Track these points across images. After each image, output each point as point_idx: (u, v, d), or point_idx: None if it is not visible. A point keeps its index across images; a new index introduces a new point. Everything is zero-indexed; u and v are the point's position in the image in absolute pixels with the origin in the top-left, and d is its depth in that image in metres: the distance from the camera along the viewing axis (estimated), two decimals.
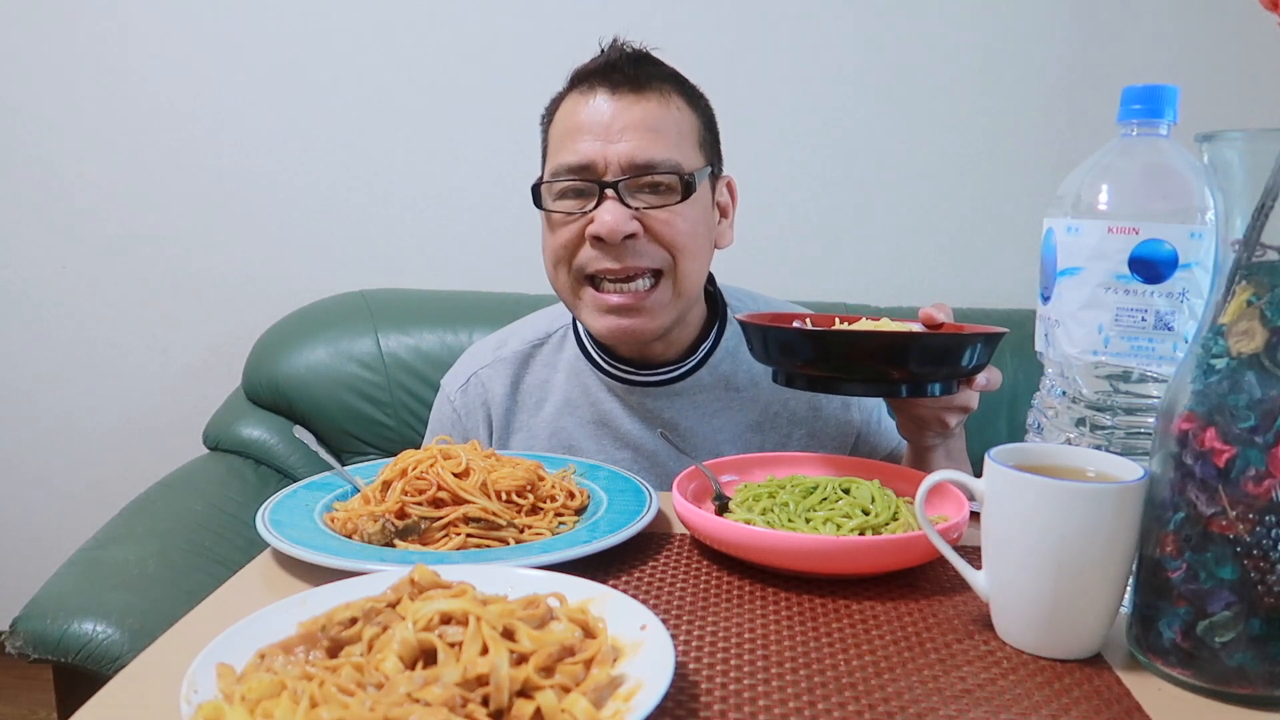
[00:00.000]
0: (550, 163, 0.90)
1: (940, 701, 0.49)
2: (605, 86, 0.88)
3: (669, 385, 0.98)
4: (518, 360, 1.03)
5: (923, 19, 1.78)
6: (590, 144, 0.86)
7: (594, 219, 0.86)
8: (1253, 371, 0.47)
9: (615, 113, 0.86)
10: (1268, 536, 0.46)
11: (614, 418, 0.98)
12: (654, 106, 0.88)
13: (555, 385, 1.01)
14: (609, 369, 0.98)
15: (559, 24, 1.78)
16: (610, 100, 0.87)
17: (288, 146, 1.83)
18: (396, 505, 0.69)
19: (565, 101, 0.91)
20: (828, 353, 0.76)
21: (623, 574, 0.65)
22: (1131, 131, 0.62)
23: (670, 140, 0.88)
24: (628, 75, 0.88)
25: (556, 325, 1.05)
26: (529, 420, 1.01)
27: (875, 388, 0.78)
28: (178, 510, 1.32)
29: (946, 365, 0.76)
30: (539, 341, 1.04)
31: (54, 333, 1.90)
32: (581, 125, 0.87)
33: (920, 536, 0.61)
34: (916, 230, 1.84)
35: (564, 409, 1.00)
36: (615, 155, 0.85)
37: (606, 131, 0.86)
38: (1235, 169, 0.48)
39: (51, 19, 1.78)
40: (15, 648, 1.01)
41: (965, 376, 0.79)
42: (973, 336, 0.75)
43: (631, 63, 0.89)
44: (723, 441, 0.98)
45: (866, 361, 0.75)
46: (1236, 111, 1.74)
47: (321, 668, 0.43)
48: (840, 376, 0.76)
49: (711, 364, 0.99)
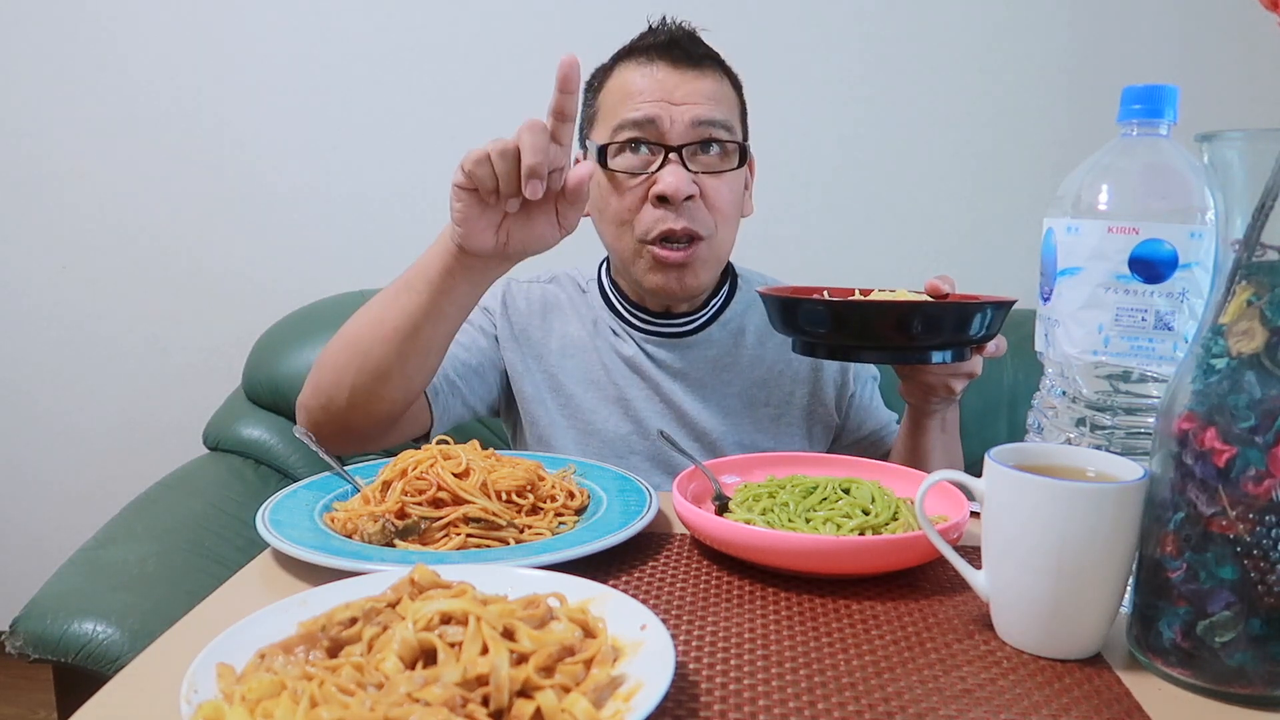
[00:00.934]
0: (606, 123, 0.95)
1: (940, 701, 0.49)
2: (665, 59, 0.93)
3: (684, 337, 1.05)
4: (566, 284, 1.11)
5: (922, 19, 1.78)
6: (654, 105, 0.91)
7: (658, 179, 0.92)
8: (1253, 371, 0.47)
9: (678, 81, 0.92)
10: (1268, 536, 0.46)
11: (633, 358, 1.05)
12: (711, 81, 0.95)
13: (583, 321, 1.08)
14: (631, 318, 1.06)
15: (560, 25, 1.78)
16: (672, 71, 0.93)
17: (288, 146, 1.83)
18: (396, 505, 0.69)
19: (620, 70, 0.96)
20: (848, 322, 0.79)
21: (623, 574, 0.65)
22: (1131, 131, 0.62)
23: (726, 109, 0.95)
24: (687, 51, 0.94)
25: (586, 277, 1.12)
26: (548, 335, 1.07)
27: (893, 354, 0.82)
28: (178, 510, 1.32)
29: (962, 332, 0.79)
30: (577, 283, 1.11)
31: (54, 333, 1.90)
32: (643, 89, 0.92)
33: (920, 536, 0.61)
34: (916, 230, 1.84)
35: (588, 340, 1.06)
36: (680, 116, 0.91)
37: (670, 95, 0.92)
38: (1235, 169, 0.49)
39: (51, 18, 1.78)
40: (15, 648, 1.01)
41: (977, 344, 0.82)
42: (985, 304, 0.78)
43: (690, 40, 0.96)
44: (730, 395, 1.05)
45: (885, 330, 0.78)
46: (1236, 111, 1.74)
47: (321, 668, 0.43)
48: (859, 345, 0.80)
49: (722, 321, 1.06)
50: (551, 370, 1.06)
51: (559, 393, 1.05)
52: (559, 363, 1.06)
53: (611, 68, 0.98)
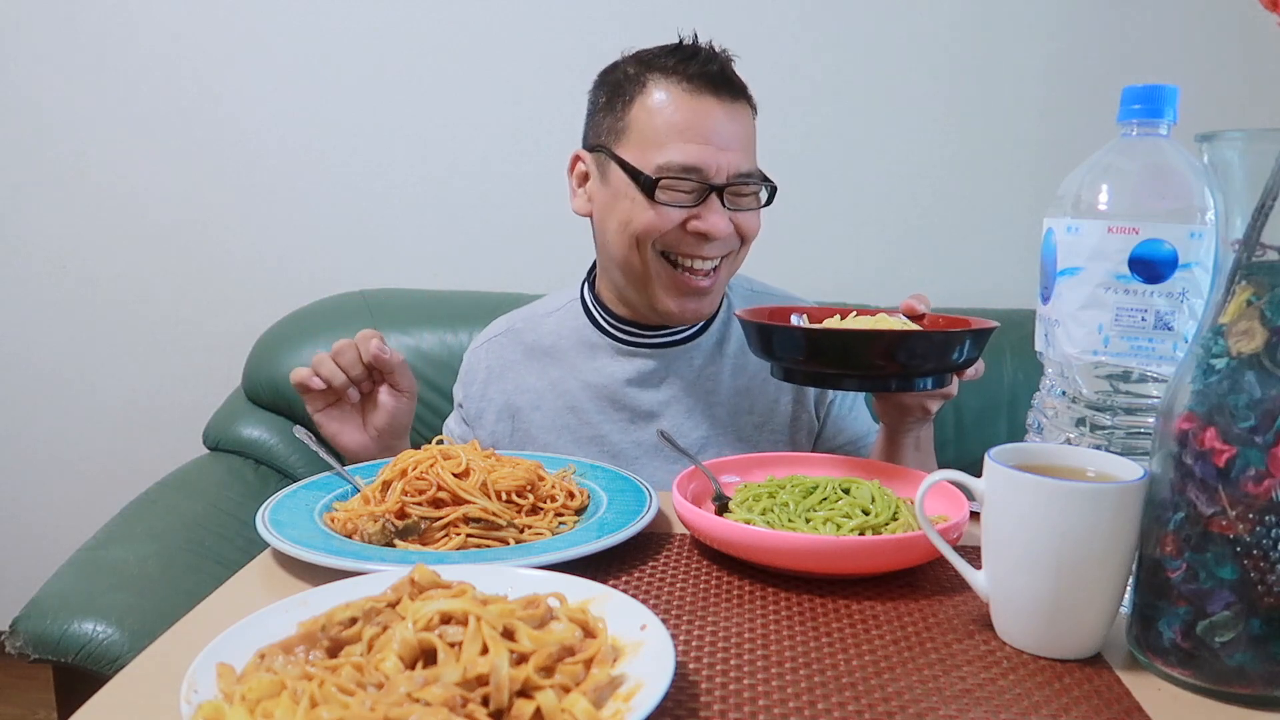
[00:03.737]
0: (647, 148, 0.94)
1: (940, 701, 0.49)
2: (711, 91, 0.94)
3: (670, 348, 1.05)
4: (528, 326, 1.12)
5: (922, 18, 1.78)
6: (702, 149, 0.92)
7: (700, 217, 0.94)
8: (1253, 371, 0.47)
9: (723, 121, 0.94)
10: (1268, 536, 0.46)
11: (605, 387, 1.05)
12: (746, 118, 0.98)
13: (564, 347, 1.09)
14: (616, 331, 1.06)
15: (560, 26, 1.78)
16: (717, 106, 0.94)
17: (288, 146, 1.83)
18: (396, 505, 0.69)
19: (657, 87, 0.95)
20: (825, 351, 0.78)
21: (623, 574, 0.65)
22: (1131, 131, 0.62)
23: (753, 150, 0.99)
24: (723, 80, 0.95)
25: (565, 300, 1.13)
26: (537, 376, 1.08)
27: (872, 383, 0.81)
28: (178, 510, 1.32)
29: (941, 362, 0.78)
30: (551, 311, 1.12)
31: (54, 333, 1.90)
32: (692, 127, 0.93)
33: (920, 536, 0.61)
34: (916, 230, 1.84)
35: (571, 370, 1.07)
36: (725, 163, 0.93)
37: (717, 138, 0.93)
38: (1235, 169, 0.48)
39: (56, 14, 1.78)
40: (15, 648, 1.01)
41: (956, 370, 0.82)
42: (965, 334, 0.77)
43: (724, 66, 0.96)
44: (716, 403, 1.05)
45: (864, 360, 0.77)
46: (1236, 111, 1.74)
47: (321, 668, 0.43)
48: (840, 373, 0.79)
49: (708, 331, 1.07)
50: (524, 425, 1.07)
51: (534, 444, 1.06)
52: (530, 415, 1.07)
53: (642, 81, 0.95)
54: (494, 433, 1.08)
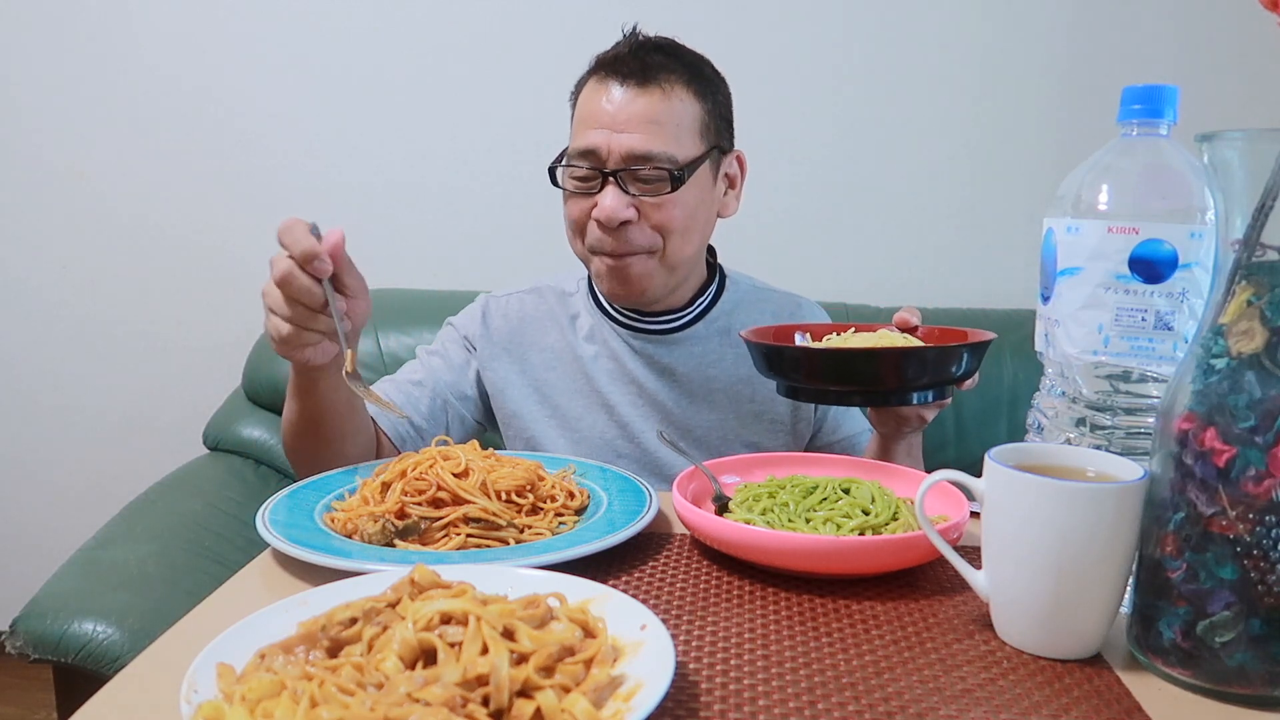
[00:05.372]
0: (570, 143, 0.98)
1: (940, 701, 0.49)
2: (615, 77, 0.95)
3: (670, 334, 1.06)
4: (551, 293, 1.12)
5: (922, 18, 1.78)
6: (598, 134, 0.93)
7: (597, 202, 0.94)
8: (1253, 371, 0.47)
9: (621, 104, 0.93)
10: (1268, 536, 0.46)
11: (617, 361, 1.07)
12: (656, 100, 0.94)
13: (563, 330, 1.10)
14: (620, 315, 1.07)
15: (560, 25, 1.78)
16: (620, 91, 0.94)
17: (288, 146, 1.83)
18: (396, 505, 0.69)
19: (586, 85, 0.98)
20: (827, 370, 0.79)
21: (623, 574, 0.65)
22: (1131, 131, 0.62)
23: (668, 133, 0.94)
24: (635, 67, 0.94)
25: (577, 280, 1.14)
26: (556, 337, 1.09)
27: (875, 398, 0.83)
28: (178, 510, 1.32)
29: (940, 375, 0.79)
30: (571, 292, 1.13)
31: (54, 333, 1.90)
32: (593, 114, 0.95)
33: (920, 536, 0.61)
34: (917, 230, 1.84)
35: (587, 338, 1.08)
36: (618, 146, 0.93)
37: (613, 122, 0.93)
38: (1235, 169, 0.48)
39: (52, 18, 1.78)
40: (15, 648, 1.01)
41: (957, 383, 0.83)
42: (963, 348, 0.78)
43: (640, 52, 0.96)
44: (716, 390, 1.06)
45: (866, 377, 0.78)
46: (1236, 111, 1.74)
47: (321, 668, 0.43)
48: (840, 389, 0.80)
49: (709, 319, 1.07)
50: (537, 381, 1.07)
51: (546, 402, 1.07)
52: (543, 374, 1.07)
53: (585, 80, 0.99)
54: (505, 376, 1.08)
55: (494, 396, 1.09)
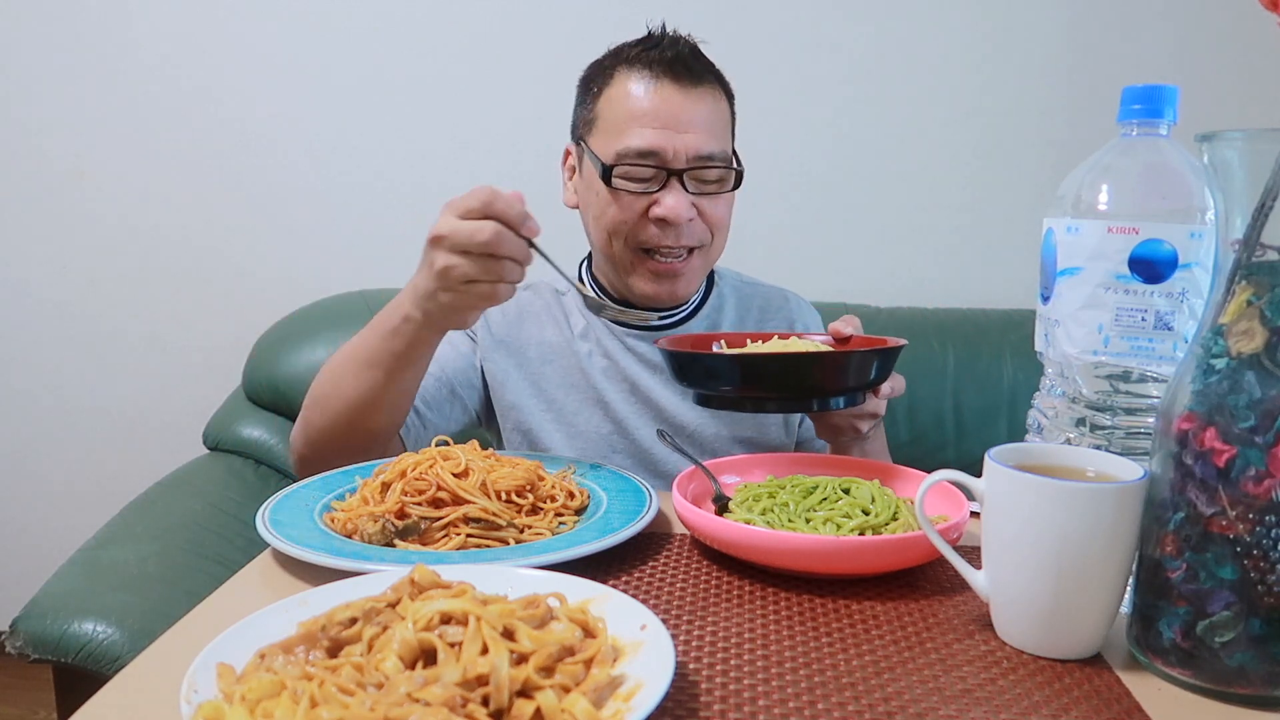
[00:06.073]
0: (609, 138, 0.96)
1: (940, 701, 0.49)
2: (669, 77, 0.95)
3: (662, 332, 1.07)
4: (548, 290, 1.12)
5: (923, 19, 1.78)
6: (659, 133, 0.93)
7: (659, 202, 0.94)
8: (1253, 371, 0.47)
9: (683, 105, 0.94)
10: (1268, 536, 0.46)
11: (610, 358, 1.07)
12: (708, 101, 0.97)
13: (559, 325, 1.10)
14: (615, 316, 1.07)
15: (560, 25, 1.78)
16: (676, 92, 0.95)
17: (289, 147, 1.83)
18: (396, 505, 0.69)
19: (621, 79, 0.97)
20: (736, 375, 0.78)
21: (623, 574, 0.65)
22: (1131, 131, 0.62)
23: (720, 133, 0.97)
24: (691, 69, 0.96)
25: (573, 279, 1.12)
26: (554, 332, 1.09)
27: (787, 405, 0.84)
28: (178, 510, 1.32)
29: (849, 381, 0.78)
30: (555, 287, 1.13)
31: (54, 333, 1.90)
32: (649, 112, 0.94)
33: (920, 536, 0.61)
34: (916, 230, 1.84)
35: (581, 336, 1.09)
36: (683, 146, 0.94)
37: (675, 122, 0.94)
38: (1235, 169, 0.49)
39: (52, 18, 1.78)
40: (15, 648, 1.01)
41: (868, 389, 0.82)
42: (869, 353, 0.78)
43: (693, 56, 0.97)
44: None
45: (774, 383, 0.78)
46: (1236, 111, 1.74)
47: (321, 668, 0.43)
48: (751, 396, 0.79)
49: (700, 316, 1.09)
50: (534, 376, 1.07)
51: (542, 397, 1.07)
52: (540, 369, 1.07)
53: (611, 72, 0.98)
54: (504, 369, 1.07)
55: (494, 389, 1.09)
